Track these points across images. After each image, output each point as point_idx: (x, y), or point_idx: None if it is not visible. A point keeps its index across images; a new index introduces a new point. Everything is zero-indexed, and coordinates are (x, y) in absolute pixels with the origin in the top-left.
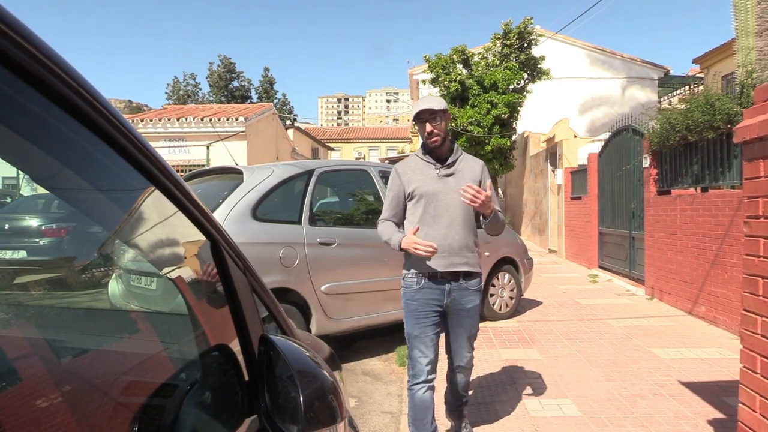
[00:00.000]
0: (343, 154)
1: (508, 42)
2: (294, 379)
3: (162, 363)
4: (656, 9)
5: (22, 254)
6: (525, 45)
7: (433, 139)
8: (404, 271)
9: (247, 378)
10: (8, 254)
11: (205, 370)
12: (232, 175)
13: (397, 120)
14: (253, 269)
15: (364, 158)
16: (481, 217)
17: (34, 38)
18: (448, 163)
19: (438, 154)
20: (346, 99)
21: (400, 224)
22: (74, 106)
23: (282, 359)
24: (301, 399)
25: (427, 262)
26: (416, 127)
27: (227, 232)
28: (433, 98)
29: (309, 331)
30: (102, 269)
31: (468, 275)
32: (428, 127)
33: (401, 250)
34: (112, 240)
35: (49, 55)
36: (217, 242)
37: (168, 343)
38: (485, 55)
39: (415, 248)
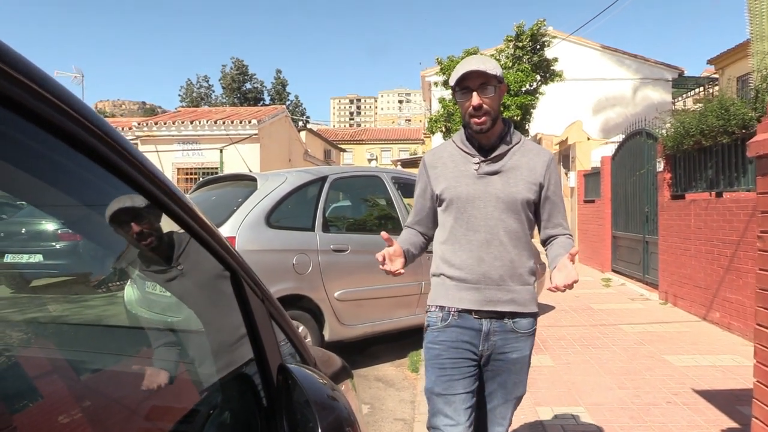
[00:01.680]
0: (355, 156)
1: (520, 44)
2: (312, 410)
3: (184, 386)
4: (671, 10)
5: (38, 258)
6: (537, 47)
7: (481, 118)
8: (428, 304)
9: (265, 403)
10: (25, 258)
11: (225, 394)
12: (245, 182)
13: (409, 121)
14: (271, 297)
15: (376, 160)
16: (551, 280)
17: (51, 83)
18: (494, 155)
19: (483, 141)
20: (358, 100)
21: (427, 233)
22: (98, 153)
23: (300, 389)
24: (320, 430)
25: (456, 295)
26: (455, 100)
27: (245, 258)
28: (485, 58)
29: (322, 337)
30: (117, 275)
31: (516, 314)
32: (475, 99)
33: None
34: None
35: (79, 109)
36: (236, 272)
37: (188, 364)
38: (497, 57)
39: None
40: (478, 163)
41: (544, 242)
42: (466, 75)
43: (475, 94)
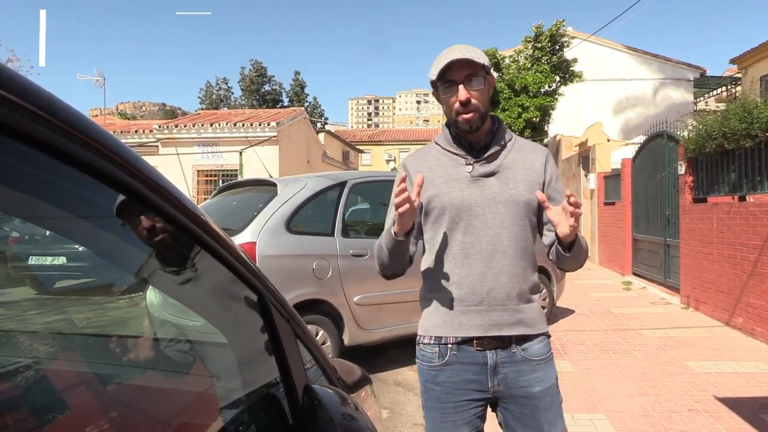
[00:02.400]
0: (374, 157)
1: (539, 45)
2: (336, 430)
3: (211, 401)
4: (693, 9)
5: (61, 260)
6: (557, 47)
7: (468, 114)
8: (419, 334)
9: (291, 422)
10: (49, 260)
11: (252, 411)
12: (266, 187)
13: (428, 121)
14: (296, 316)
15: (394, 160)
16: (556, 245)
17: (110, 139)
18: (487, 155)
19: (472, 141)
20: (376, 101)
21: (411, 257)
22: (138, 193)
23: (325, 411)
24: None
25: (455, 322)
26: (438, 98)
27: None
28: (469, 47)
29: (342, 341)
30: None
31: (525, 338)
32: (462, 93)
33: (401, 236)
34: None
35: (130, 160)
36: (262, 295)
37: (215, 378)
38: (516, 58)
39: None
40: (470, 164)
41: (551, 247)
42: (450, 65)
43: (461, 87)
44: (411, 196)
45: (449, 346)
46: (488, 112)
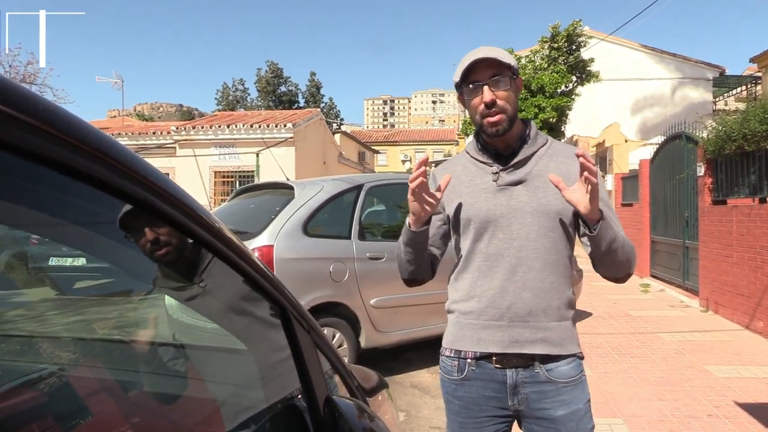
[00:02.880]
0: (389, 157)
1: (556, 45)
2: None
3: (231, 412)
4: (712, 7)
5: (81, 261)
6: (574, 47)
7: (495, 117)
8: (442, 346)
9: None
10: (69, 261)
11: (273, 421)
12: (283, 190)
13: (443, 121)
14: (317, 327)
15: (410, 161)
16: (587, 238)
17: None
18: (514, 162)
19: (500, 146)
20: (392, 101)
21: (437, 255)
22: (162, 212)
23: (346, 423)
24: None
25: (474, 336)
26: (462, 101)
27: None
28: (494, 47)
29: (359, 344)
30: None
31: (550, 358)
32: (487, 94)
33: (415, 228)
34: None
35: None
36: (284, 308)
37: (236, 386)
38: (532, 59)
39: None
40: (496, 172)
41: (592, 257)
42: (474, 65)
43: (486, 88)
44: (435, 194)
45: (468, 361)
46: (516, 115)
